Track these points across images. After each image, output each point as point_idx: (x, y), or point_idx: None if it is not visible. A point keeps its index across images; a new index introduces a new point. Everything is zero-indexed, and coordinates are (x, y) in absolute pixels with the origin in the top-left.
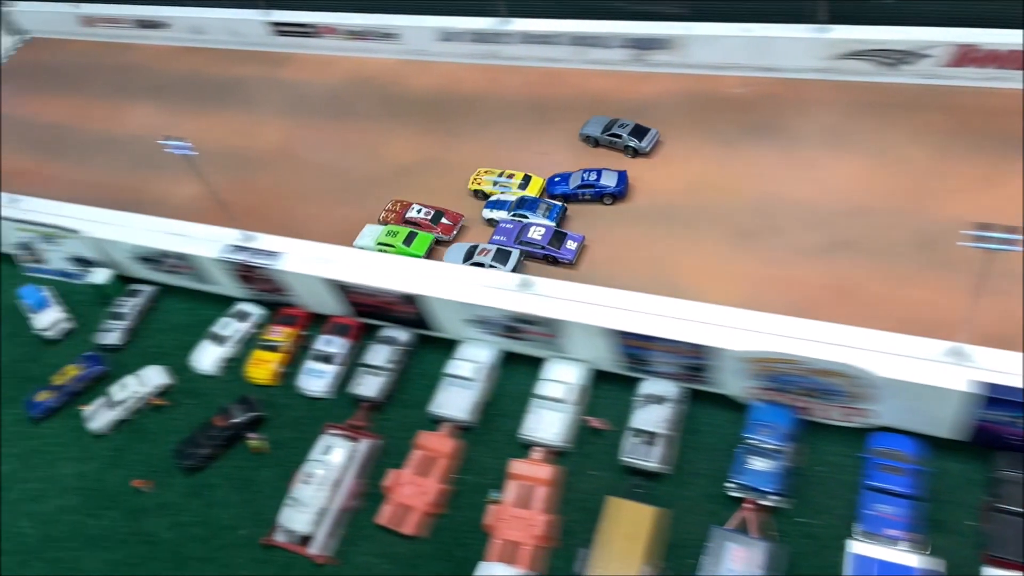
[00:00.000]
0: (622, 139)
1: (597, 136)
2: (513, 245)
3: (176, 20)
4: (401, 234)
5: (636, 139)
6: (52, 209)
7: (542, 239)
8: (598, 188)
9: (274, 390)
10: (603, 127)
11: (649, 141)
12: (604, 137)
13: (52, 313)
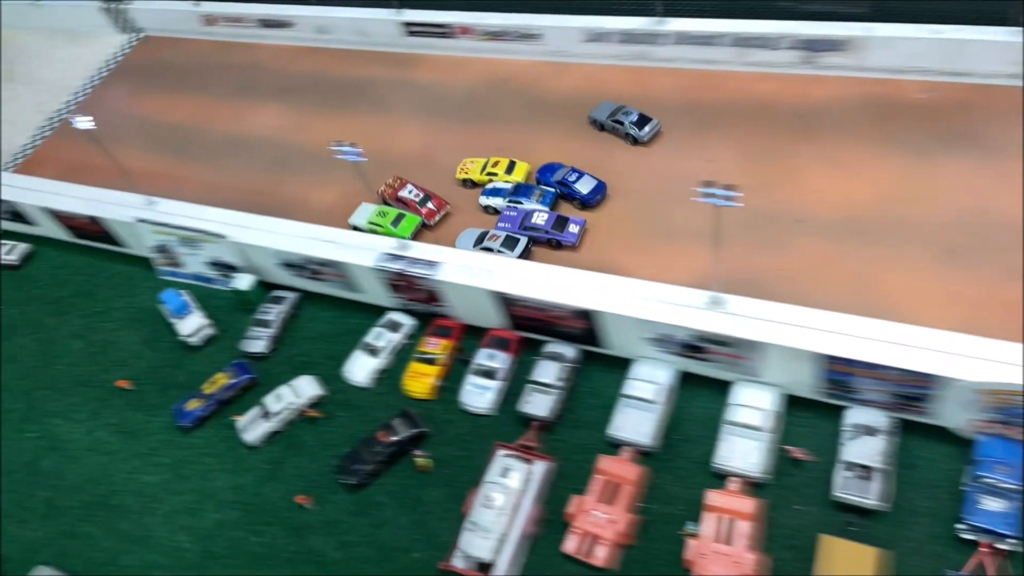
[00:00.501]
0: (624, 126)
1: (603, 121)
2: (518, 231)
3: (301, 19)
4: (390, 215)
5: (637, 128)
6: (189, 212)
7: (545, 224)
8: (571, 190)
9: (433, 404)
10: (609, 113)
11: (649, 131)
12: (609, 122)
13: (195, 319)
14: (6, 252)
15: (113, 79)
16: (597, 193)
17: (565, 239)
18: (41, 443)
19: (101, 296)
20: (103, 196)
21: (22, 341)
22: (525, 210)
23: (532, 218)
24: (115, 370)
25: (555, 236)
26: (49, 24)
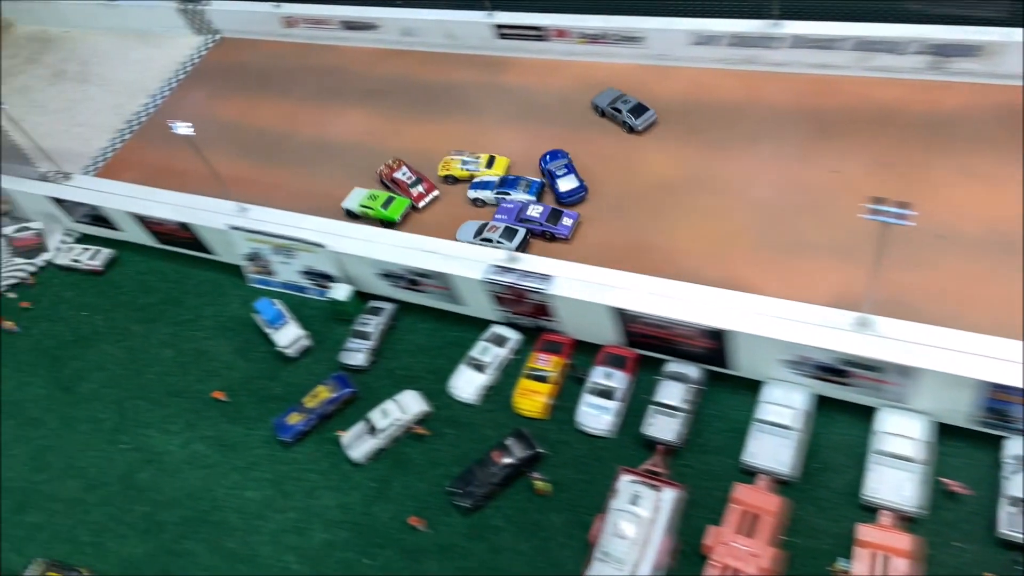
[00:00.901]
0: (621, 114)
1: (603, 107)
2: (515, 223)
3: (386, 22)
4: (381, 198)
5: (633, 117)
6: (283, 220)
7: (540, 216)
8: (553, 183)
9: (545, 424)
10: (609, 100)
11: (644, 121)
12: (608, 109)
13: (292, 330)
14: (89, 257)
15: (191, 81)
16: (575, 194)
17: (558, 231)
18: (136, 455)
19: (189, 304)
20: (194, 202)
21: (110, 349)
22: (521, 203)
23: (527, 210)
24: (208, 380)
25: (549, 228)
26: (121, 24)
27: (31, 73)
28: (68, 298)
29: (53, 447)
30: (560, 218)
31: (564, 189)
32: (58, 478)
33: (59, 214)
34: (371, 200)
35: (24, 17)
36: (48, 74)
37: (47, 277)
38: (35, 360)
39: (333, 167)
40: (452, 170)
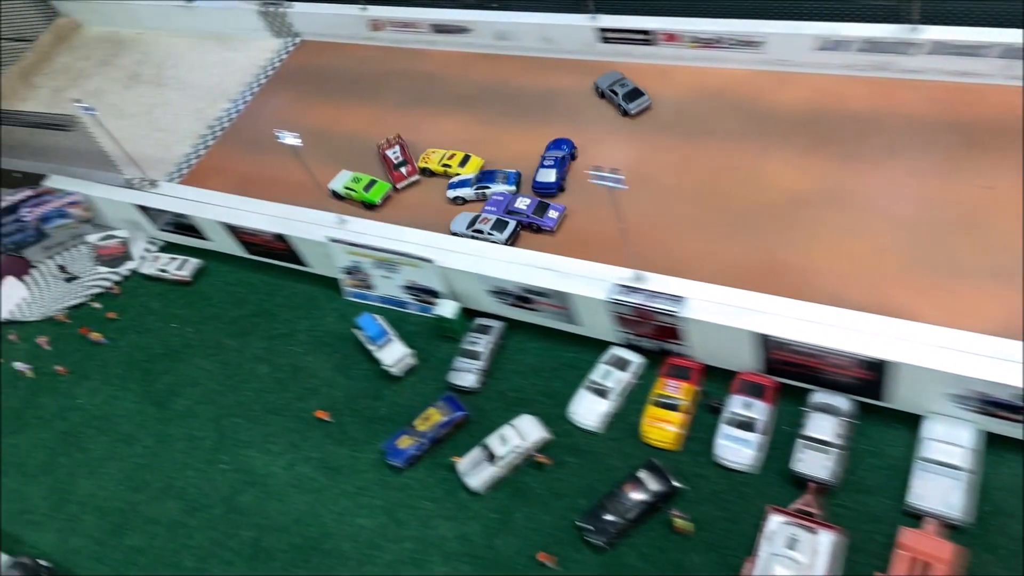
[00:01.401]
0: (617, 97)
1: (603, 89)
2: (504, 215)
3: (479, 25)
4: (363, 180)
5: (626, 102)
6: (384, 232)
7: (527, 209)
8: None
9: (678, 456)
10: (610, 83)
11: (637, 106)
12: (608, 91)
13: (397, 348)
14: (177, 267)
15: (274, 86)
16: (547, 188)
17: (544, 223)
18: (238, 476)
19: (283, 317)
20: (290, 213)
21: (202, 363)
22: (510, 195)
23: (515, 203)
24: (309, 399)
25: (535, 220)
26: (196, 26)
27: (105, 76)
28: (155, 309)
29: (149, 465)
30: (546, 211)
31: (539, 179)
32: (157, 499)
33: (143, 222)
34: (354, 183)
35: (93, 18)
36: (123, 77)
37: (132, 287)
38: (125, 373)
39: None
40: (430, 163)
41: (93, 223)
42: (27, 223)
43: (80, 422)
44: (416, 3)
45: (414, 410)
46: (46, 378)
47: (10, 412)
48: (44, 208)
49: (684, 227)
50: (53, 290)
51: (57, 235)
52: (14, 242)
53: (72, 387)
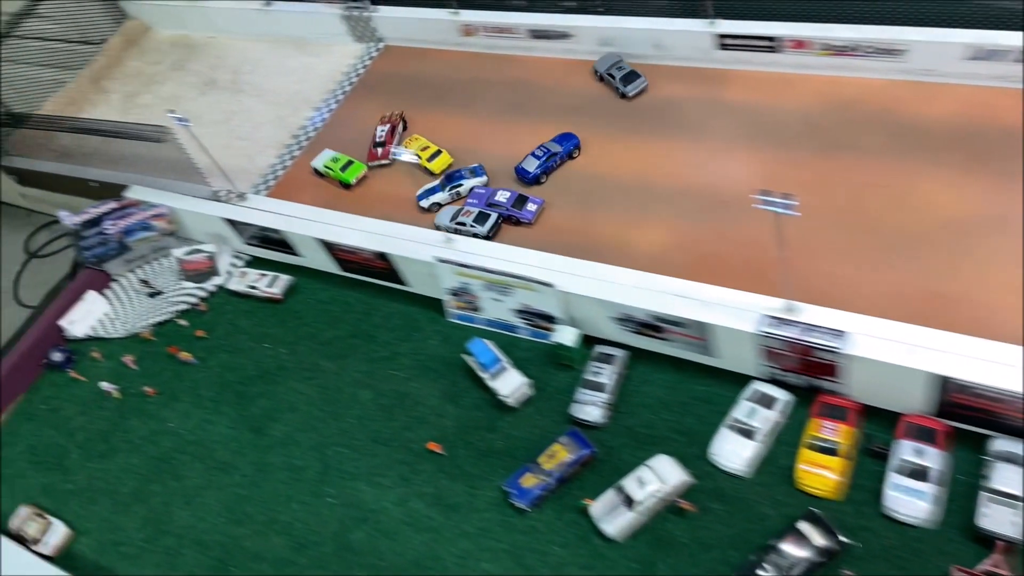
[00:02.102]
0: (615, 80)
1: (602, 72)
2: (485, 208)
3: (582, 30)
4: (341, 160)
5: (623, 84)
6: (492, 252)
7: (507, 201)
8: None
9: (840, 506)
10: (608, 65)
11: (635, 88)
12: (605, 73)
13: (514, 377)
14: (267, 284)
15: (359, 93)
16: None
17: (523, 216)
18: (346, 511)
19: (383, 339)
20: (392, 230)
21: (299, 387)
22: (491, 189)
23: (496, 196)
24: (417, 428)
25: (514, 213)
26: (273, 30)
27: (179, 81)
28: (245, 328)
29: (250, 496)
30: (525, 203)
31: (522, 166)
32: (261, 533)
33: (229, 236)
34: (333, 162)
35: (163, 21)
36: (197, 82)
37: (218, 303)
38: (217, 396)
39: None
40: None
41: (175, 236)
42: (110, 236)
43: (172, 447)
44: (510, 7)
45: (532, 444)
46: (134, 399)
47: (97, 435)
48: (128, 221)
49: (829, 252)
50: (136, 306)
51: (139, 248)
52: (96, 255)
53: (162, 409)
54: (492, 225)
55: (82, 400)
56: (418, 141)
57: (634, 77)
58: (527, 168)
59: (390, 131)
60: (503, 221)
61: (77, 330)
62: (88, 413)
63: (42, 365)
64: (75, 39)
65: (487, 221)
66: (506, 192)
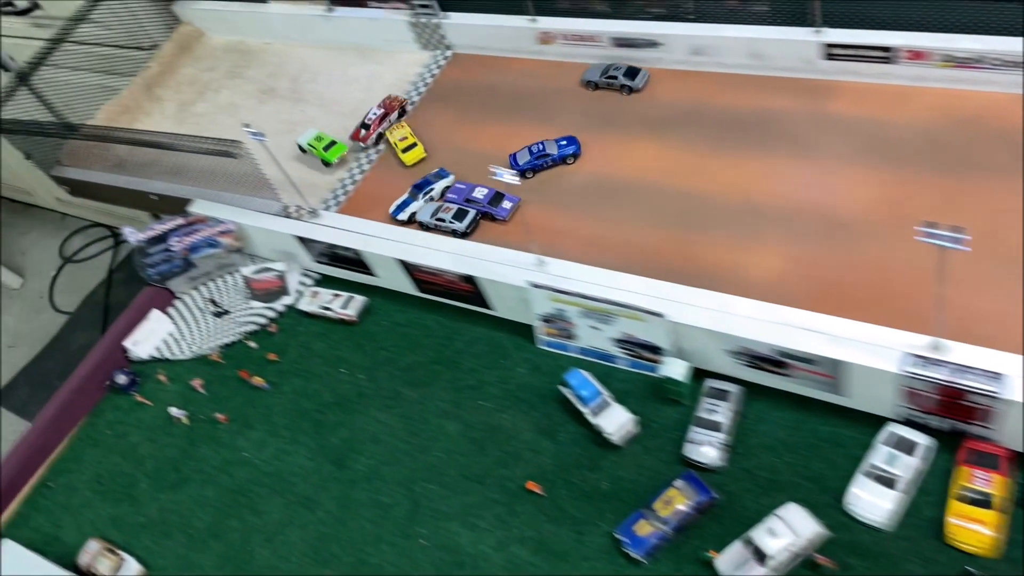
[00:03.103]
0: (618, 80)
1: (596, 80)
2: (463, 204)
3: (672, 39)
4: (325, 140)
5: (629, 79)
6: (591, 277)
7: (484, 199)
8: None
9: (996, 565)
10: (600, 72)
11: (641, 79)
12: (602, 80)
13: (618, 413)
14: (341, 305)
15: (429, 104)
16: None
17: (498, 213)
18: (441, 555)
19: (467, 366)
20: (478, 251)
21: (380, 416)
22: (470, 185)
23: (473, 192)
24: (512, 465)
25: (490, 210)
26: (334, 37)
27: (236, 89)
28: (319, 351)
29: (336, 536)
30: (501, 201)
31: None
32: None
33: (299, 253)
34: (317, 141)
35: (217, 26)
36: (255, 91)
37: (289, 324)
38: (293, 424)
39: (628, 211)
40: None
41: (242, 252)
42: (175, 253)
43: (248, 479)
44: (593, 14)
45: (641, 486)
46: (204, 426)
47: (167, 463)
48: (194, 237)
49: (971, 284)
50: (202, 326)
51: (203, 265)
52: (159, 273)
53: (234, 438)
54: (471, 222)
55: (149, 425)
56: (401, 130)
57: (635, 71)
58: (518, 159)
59: (381, 117)
60: (480, 217)
61: (141, 351)
62: (156, 440)
63: (105, 387)
64: (127, 44)
65: (465, 217)
66: (483, 189)
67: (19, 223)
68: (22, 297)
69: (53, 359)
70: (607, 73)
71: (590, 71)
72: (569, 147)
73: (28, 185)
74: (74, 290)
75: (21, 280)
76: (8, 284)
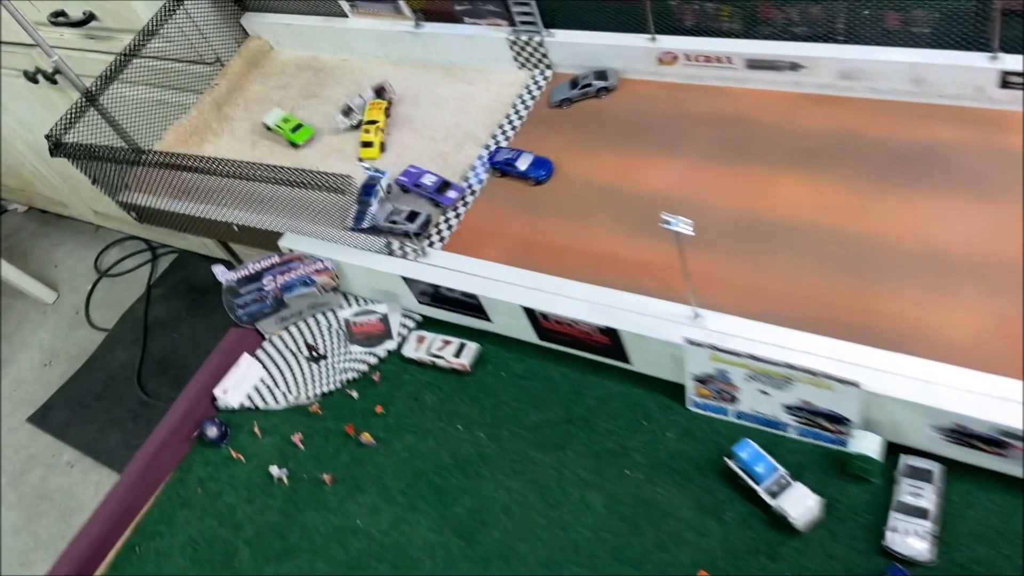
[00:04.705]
0: (592, 87)
1: (570, 96)
2: (412, 187)
3: (819, 61)
4: (292, 122)
5: (602, 80)
6: (754, 332)
7: (432, 185)
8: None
9: None
10: (569, 87)
11: (612, 77)
12: (576, 93)
13: (801, 494)
14: (452, 353)
15: (532, 128)
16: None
17: (443, 201)
18: None
19: (604, 427)
20: (618, 300)
21: (509, 483)
22: (421, 170)
23: (423, 178)
24: (673, 548)
25: (436, 197)
26: (418, 54)
27: (313, 109)
28: (430, 404)
29: None
30: (448, 189)
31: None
32: None
33: (402, 293)
34: (284, 122)
35: (287, 41)
36: (334, 112)
37: (392, 371)
38: (409, 488)
39: (786, 255)
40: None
41: (337, 291)
42: (267, 292)
43: (364, 551)
44: (723, 33)
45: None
46: (307, 487)
47: (270, 529)
48: (289, 276)
49: None
50: (296, 373)
51: (295, 305)
52: (249, 314)
53: (344, 502)
54: (422, 223)
55: (244, 484)
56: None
57: (604, 76)
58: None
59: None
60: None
61: (232, 399)
62: (255, 501)
63: (192, 438)
64: (189, 59)
65: (417, 219)
66: (432, 176)
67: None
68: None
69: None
70: (579, 85)
71: (556, 91)
72: (540, 169)
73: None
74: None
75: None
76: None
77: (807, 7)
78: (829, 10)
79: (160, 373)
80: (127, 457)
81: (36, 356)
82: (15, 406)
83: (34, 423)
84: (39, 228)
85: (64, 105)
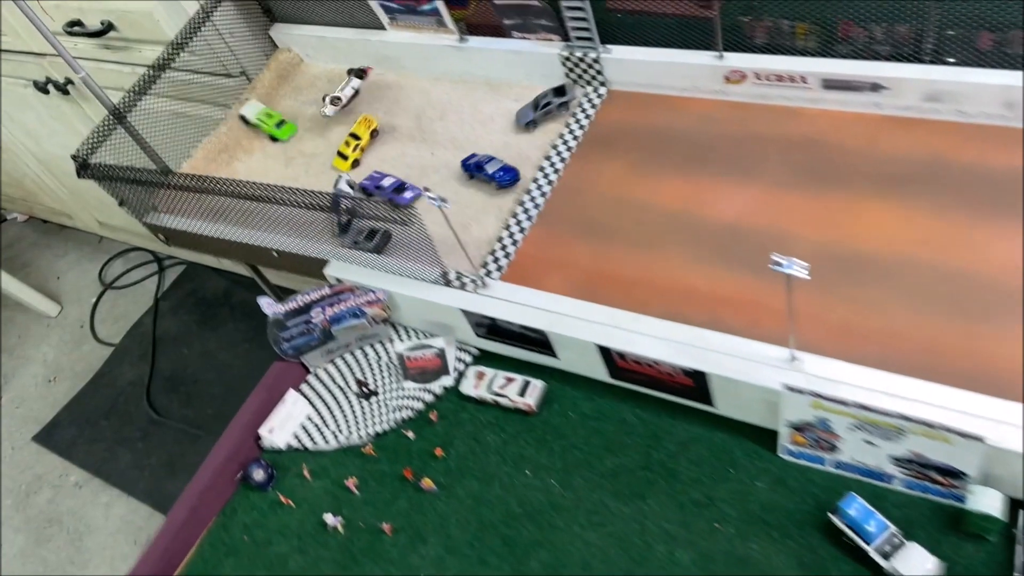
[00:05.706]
0: (552, 104)
1: (533, 118)
2: (373, 189)
3: (902, 83)
4: (275, 117)
5: (561, 96)
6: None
7: (389, 187)
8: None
9: None
10: (534, 107)
11: (570, 91)
12: (539, 114)
13: (918, 555)
14: (517, 391)
15: (587, 150)
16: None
17: (400, 200)
18: None
19: (687, 475)
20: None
21: (586, 535)
22: (381, 173)
23: (383, 180)
24: None
25: (393, 198)
26: (461, 69)
27: (349, 126)
28: (493, 446)
29: None
30: (403, 190)
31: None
32: None
33: (459, 326)
34: (267, 116)
35: (319, 53)
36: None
37: (450, 409)
38: (477, 539)
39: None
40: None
41: (389, 322)
42: (315, 325)
43: None
44: (796, 51)
45: None
46: (363, 536)
47: None
48: (339, 308)
49: None
50: (347, 411)
51: (343, 337)
52: (295, 347)
53: (406, 554)
54: (379, 242)
55: (294, 531)
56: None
57: (563, 91)
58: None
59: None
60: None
61: (278, 439)
62: (307, 551)
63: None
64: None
65: (375, 237)
66: (391, 178)
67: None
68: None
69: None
70: (539, 105)
71: (521, 114)
72: (506, 175)
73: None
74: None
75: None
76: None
77: (892, 26)
78: (917, 29)
79: (170, 390)
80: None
81: (40, 372)
82: (19, 424)
83: (40, 442)
84: (40, 238)
85: (75, 116)
